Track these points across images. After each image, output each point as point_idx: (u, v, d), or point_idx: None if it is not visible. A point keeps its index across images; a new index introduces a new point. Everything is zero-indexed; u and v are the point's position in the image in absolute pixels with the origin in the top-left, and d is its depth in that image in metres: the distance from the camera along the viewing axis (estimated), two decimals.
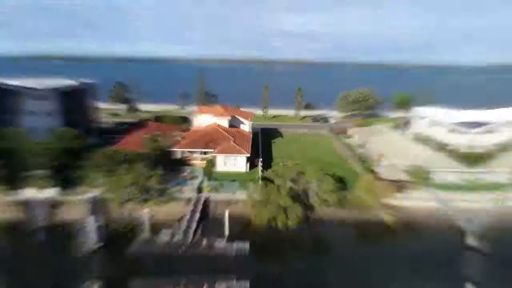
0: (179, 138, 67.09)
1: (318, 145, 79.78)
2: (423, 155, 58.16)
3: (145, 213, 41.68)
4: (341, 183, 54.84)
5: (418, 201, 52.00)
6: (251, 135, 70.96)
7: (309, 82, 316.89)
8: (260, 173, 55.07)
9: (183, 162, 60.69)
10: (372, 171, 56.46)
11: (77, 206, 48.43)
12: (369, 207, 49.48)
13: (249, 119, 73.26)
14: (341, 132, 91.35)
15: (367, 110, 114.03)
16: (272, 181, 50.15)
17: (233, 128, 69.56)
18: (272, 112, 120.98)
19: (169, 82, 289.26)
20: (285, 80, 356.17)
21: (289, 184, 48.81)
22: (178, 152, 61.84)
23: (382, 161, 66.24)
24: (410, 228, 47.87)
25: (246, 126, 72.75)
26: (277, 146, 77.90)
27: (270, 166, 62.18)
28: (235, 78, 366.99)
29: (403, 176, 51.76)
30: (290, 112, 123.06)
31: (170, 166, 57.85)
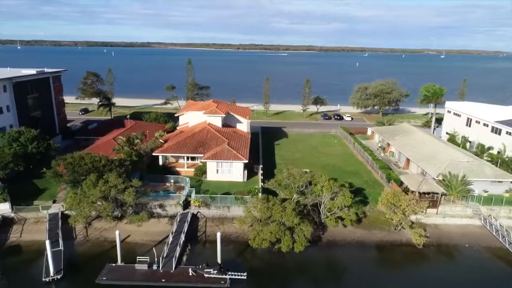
0: (162, 140, 64.97)
1: (330, 148, 77.80)
2: (459, 161, 55.97)
3: (118, 234, 39.47)
4: (360, 195, 53.03)
5: (454, 218, 49.96)
6: (249, 136, 68.93)
7: (319, 71, 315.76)
8: (260, 184, 52.99)
9: (166, 170, 58.58)
10: (397, 181, 54.37)
11: (33, 224, 46.47)
12: (394, 225, 47.43)
13: (247, 117, 71.19)
14: (358, 131, 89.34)
15: (389, 105, 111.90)
16: (275, 194, 48.18)
17: (228, 128, 67.51)
18: (274, 107, 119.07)
19: (152, 71, 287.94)
20: (290, 69, 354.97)
21: (296, 197, 46.83)
22: (161, 157, 59.69)
23: (408, 168, 64.30)
24: (444, 251, 45.78)
25: (243, 125, 70.69)
26: (281, 148, 75.91)
27: (272, 175, 60.29)
28: (231, 67, 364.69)
29: (435, 187, 49.58)
30: (296, 108, 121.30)
31: (150, 175, 55.78)
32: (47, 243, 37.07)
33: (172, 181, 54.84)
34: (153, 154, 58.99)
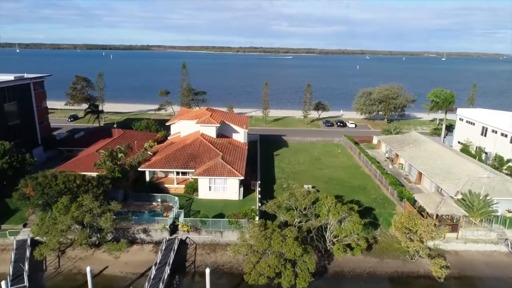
0: (151, 153, 59.22)
1: (334, 159, 71.92)
2: (479, 177, 50.21)
3: (89, 270, 33.66)
4: (369, 216, 47.31)
5: (476, 244, 44.10)
6: (246, 147, 63.13)
7: (319, 75, 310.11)
8: (258, 204, 47.14)
9: (153, 187, 52.76)
10: (410, 200, 48.58)
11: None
12: (409, 253, 41.55)
13: (244, 126, 65.31)
14: (363, 140, 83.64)
15: (394, 111, 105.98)
16: (274, 215, 42.57)
17: (222, 139, 61.74)
18: (274, 112, 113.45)
19: (150, 74, 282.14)
20: (291, 72, 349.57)
21: (298, 221, 41.11)
22: (148, 172, 53.84)
23: (421, 183, 58.55)
24: (468, 283, 40.05)
25: (240, 135, 64.88)
26: (280, 160, 70.08)
27: (271, 190, 54.79)
28: (231, 71, 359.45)
29: (456, 210, 43.75)
30: (297, 113, 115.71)
31: (136, 193, 49.99)
32: (3, 284, 31.17)
33: (159, 200, 49.05)
34: (139, 169, 53.11)
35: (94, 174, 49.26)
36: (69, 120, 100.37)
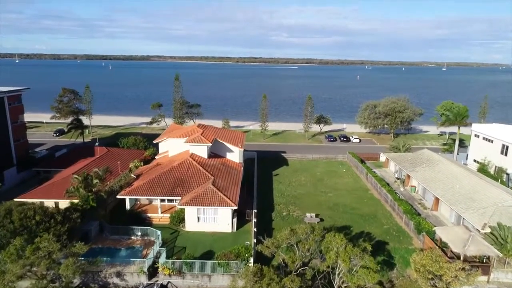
0: (134, 175, 52.63)
1: (338, 180, 65.16)
2: (508, 205, 43.56)
3: None
4: (382, 253, 40.52)
5: None
6: (242, 169, 56.54)
7: (320, 85, 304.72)
8: (253, 240, 40.28)
9: (135, 216, 45.99)
10: (430, 233, 41.80)
11: None
12: None
13: (240, 144, 58.70)
14: (369, 157, 77.12)
15: (401, 125, 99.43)
16: (272, 256, 35.85)
17: (215, 159, 55.16)
18: (273, 125, 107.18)
19: (147, 85, 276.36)
20: (290, 83, 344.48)
21: (301, 263, 34.31)
22: (128, 200, 47.04)
23: (438, 210, 51.83)
24: None
25: (235, 155, 58.35)
26: (280, 181, 63.41)
27: (270, 221, 48.03)
28: (228, 81, 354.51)
29: (487, 249, 36.95)
30: (297, 126, 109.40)
31: (113, 225, 43.20)
32: None
33: (139, 234, 42.23)
34: (118, 196, 46.37)
35: (67, 202, 43.07)
36: (55, 135, 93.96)
